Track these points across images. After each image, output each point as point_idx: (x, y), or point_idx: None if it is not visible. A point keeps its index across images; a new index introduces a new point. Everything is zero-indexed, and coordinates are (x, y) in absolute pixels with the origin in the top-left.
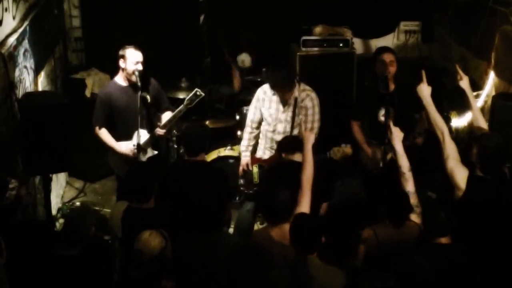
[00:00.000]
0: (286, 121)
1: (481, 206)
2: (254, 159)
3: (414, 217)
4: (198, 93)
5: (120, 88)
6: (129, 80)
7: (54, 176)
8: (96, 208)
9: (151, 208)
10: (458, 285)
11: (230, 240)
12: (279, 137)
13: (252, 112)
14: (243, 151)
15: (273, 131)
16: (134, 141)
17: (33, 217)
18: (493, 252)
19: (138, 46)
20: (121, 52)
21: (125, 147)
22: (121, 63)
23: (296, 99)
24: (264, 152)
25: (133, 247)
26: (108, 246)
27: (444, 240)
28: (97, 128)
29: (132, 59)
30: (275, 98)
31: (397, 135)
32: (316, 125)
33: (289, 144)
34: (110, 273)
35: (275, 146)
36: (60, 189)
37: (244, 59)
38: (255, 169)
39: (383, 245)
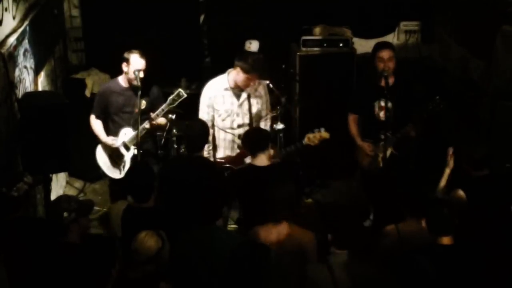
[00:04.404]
0: (243, 113)
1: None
2: (217, 163)
3: None
4: (180, 93)
5: (120, 88)
6: (130, 83)
7: (54, 176)
8: (96, 208)
9: (151, 207)
10: (459, 285)
11: (230, 237)
12: (239, 131)
13: (205, 112)
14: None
15: (231, 127)
16: (121, 139)
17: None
18: (494, 252)
19: (143, 53)
20: (125, 55)
21: (111, 140)
22: (124, 66)
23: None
24: (224, 152)
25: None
26: (108, 242)
27: (446, 239)
28: (92, 116)
29: (134, 65)
30: (228, 93)
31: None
32: (269, 113)
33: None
34: (108, 268)
35: (236, 141)
36: (60, 189)
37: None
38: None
39: (404, 239)
